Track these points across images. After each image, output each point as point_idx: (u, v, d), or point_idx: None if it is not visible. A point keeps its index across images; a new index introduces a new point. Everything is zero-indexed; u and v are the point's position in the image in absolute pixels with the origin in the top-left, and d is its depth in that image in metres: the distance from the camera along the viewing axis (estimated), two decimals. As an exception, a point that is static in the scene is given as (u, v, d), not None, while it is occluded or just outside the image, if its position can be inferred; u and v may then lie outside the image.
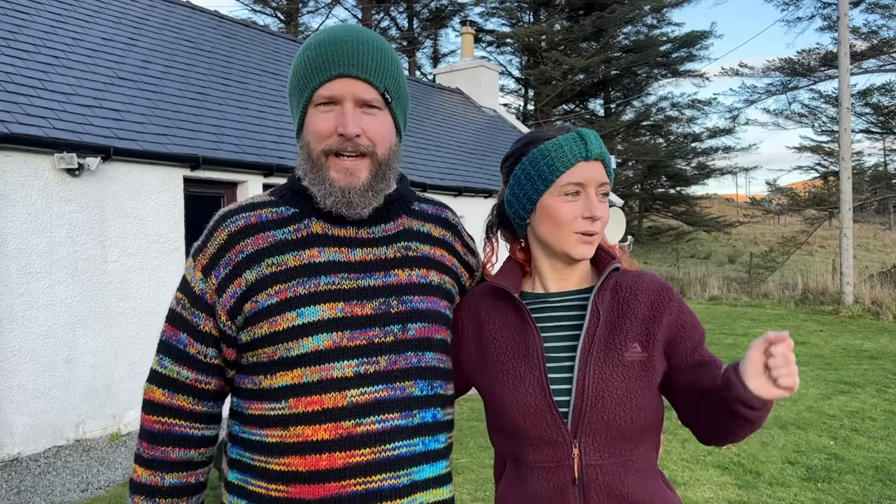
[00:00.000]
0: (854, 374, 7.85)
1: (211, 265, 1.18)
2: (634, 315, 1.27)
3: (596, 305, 1.27)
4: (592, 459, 1.21)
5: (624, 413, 1.21)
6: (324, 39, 1.18)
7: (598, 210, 1.25)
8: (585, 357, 1.23)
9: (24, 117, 5.20)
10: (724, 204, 41.97)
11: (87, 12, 7.76)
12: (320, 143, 1.16)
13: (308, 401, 1.13)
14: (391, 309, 1.18)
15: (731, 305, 16.20)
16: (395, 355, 1.17)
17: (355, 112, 1.15)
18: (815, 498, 4.19)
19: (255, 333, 1.15)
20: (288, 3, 23.48)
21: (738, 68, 23.98)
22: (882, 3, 20.39)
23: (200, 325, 1.19)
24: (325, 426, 1.12)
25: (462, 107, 14.01)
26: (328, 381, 1.13)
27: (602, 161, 1.27)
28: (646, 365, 1.24)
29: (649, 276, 1.34)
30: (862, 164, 33.82)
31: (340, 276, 1.17)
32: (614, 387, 1.22)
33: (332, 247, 1.19)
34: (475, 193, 9.63)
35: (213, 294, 1.18)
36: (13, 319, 5.00)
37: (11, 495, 4.33)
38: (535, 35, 25.52)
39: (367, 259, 1.20)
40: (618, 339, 1.25)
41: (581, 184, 1.25)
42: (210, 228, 1.22)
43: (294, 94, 1.21)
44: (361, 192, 1.16)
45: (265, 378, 1.16)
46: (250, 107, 8.02)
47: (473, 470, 4.69)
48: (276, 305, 1.14)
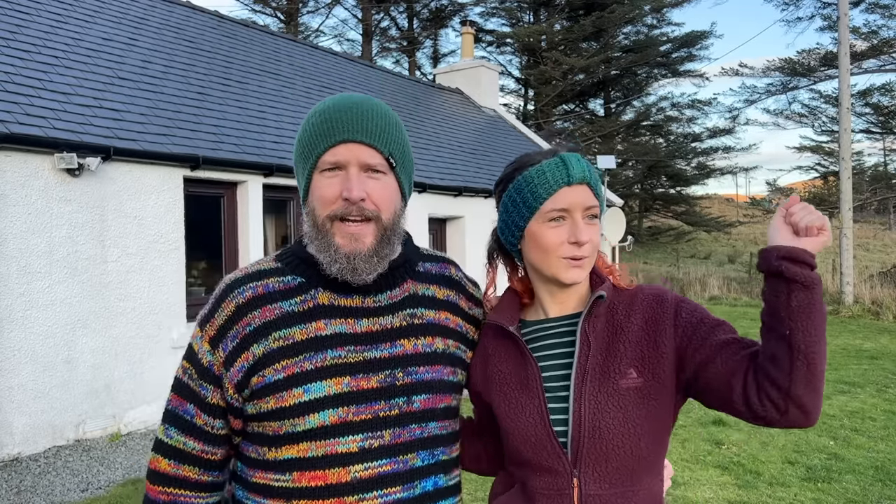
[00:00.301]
0: (854, 374, 7.85)
1: (218, 337, 1.17)
2: (628, 339, 1.24)
3: (585, 333, 1.25)
4: (592, 489, 1.20)
5: (622, 443, 1.19)
6: (328, 107, 1.18)
7: (584, 235, 1.23)
8: (580, 387, 1.22)
9: (24, 117, 5.20)
10: (724, 204, 41.97)
11: (87, 12, 7.77)
12: (325, 208, 1.16)
13: (312, 475, 1.13)
14: (396, 381, 1.18)
15: (731, 305, 16.20)
16: (400, 428, 1.17)
17: (360, 176, 1.15)
18: (815, 498, 4.18)
19: (261, 407, 1.15)
20: (288, 3, 23.47)
21: (738, 68, 24.00)
22: (882, 3, 20.40)
23: (208, 397, 1.19)
24: (329, 501, 1.13)
25: (462, 107, 14.01)
26: (332, 457, 1.13)
27: (588, 184, 1.25)
28: (642, 391, 1.21)
29: (647, 289, 1.30)
30: (862, 164, 33.83)
31: (347, 350, 1.16)
32: (610, 416, 1.19)
33: (338, 318, 1.18)
34: (475, 193, 9.63)
35: (220, 367, 1.17)
36: (13, 319, 5.00)
37: (11, 495, 4.32)
38: (535, 35, 25.52)
39: (373, 330, 1.20)
40: (612, 366, 1.22)
41: (565, 209, 1.24)
42: (217, 298, 1.21)
43: (299, 161, 1.21)
44: (367, 257, 1.15)
45: (269, 450, 1.16)
46: (250, 107, 8.02)
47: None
48: (282, 381, 1.13)
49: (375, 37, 25.62)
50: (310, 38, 24.98)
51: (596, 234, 1.26)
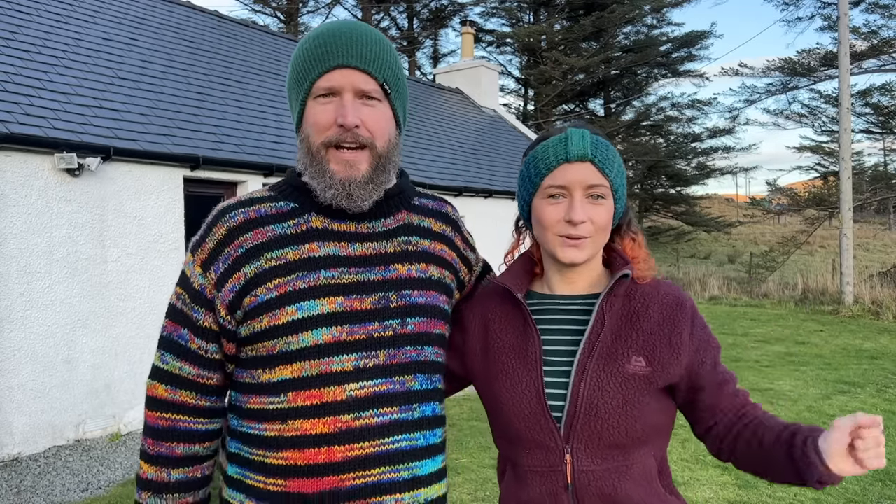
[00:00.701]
0: (854, 374, 7.86)
1: (210, 260, 1.18)
2: (642, 327, 1.23)
3: (602, 311, 1.23)
4: (584, 465, 1.20)
5: (618, 424, 1.19)
6: (322, 32, 1.18)
7: (577, 213, 1.19)
8: (584, 363, 1.21)
9: (24, 117, 5.20)
10: (724, 204, 41.98)
11: (87, 12, 7.77)
12: (320, 135, 1.15)
13: (307, 394, 1.13)
14: (390, 303, 1.18)
15: (731, 305, 16.20)
16: (395, 349, 1.17)
17: (354, 103, 1.15)
18: (816, 498, 4.19)
19: (254, 327, 1.14)
20: (288, 3, 23.48)
21: (738, 68, 23.99)
22: (882, 3, 20.39)
23: (200, 320, 1.18)
24: (324, 420, 1.12)
25: (462, 107, 14.01)
26: (327, 375, 1.13)
27: (593, 162, 1.21)
28: (648, 380, 1.20)
29: (666, 287, 1.29)
30: (862, 164, 33.83)
31: (340, 271, 1.16)
32: (610, 397, 1.18)
33: (331, 241, 1.18)
34: (475, 193, 9.63)
35: (212, 289, 1.17)
36: (13, 319, 5.00)
37: (11, 495, 4.33)
38: (535, 35, 25.52)
39: (366, 253, 1.20)
40: (621, 349, 1.21)
41: (564, 186, 1.21)
42: (209, 223, 1.21)
43: (293, 87, 1.20)
44: (362, 184, 1.16)
45: (264, 372, 1.15)
46: (250, 107, 8.02)
47: (473, 470, 4.69)
48: (275, 300, 1.13)
49: (375, 37, 25.62)
50: (310, 38, 24.97)
51: (600, 214, 1.22)
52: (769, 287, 17.92)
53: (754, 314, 14.20)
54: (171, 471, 1.21)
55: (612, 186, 1.23)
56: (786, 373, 7.98)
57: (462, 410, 6.58)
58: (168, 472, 1.20)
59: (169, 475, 1.20)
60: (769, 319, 13.21)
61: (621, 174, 1.25)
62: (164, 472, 1.20)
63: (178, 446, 1.20)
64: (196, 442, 1.22)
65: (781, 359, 8.93)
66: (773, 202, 35.26)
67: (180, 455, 1.21)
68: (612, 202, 1.24)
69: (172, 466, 1.21)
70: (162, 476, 1.20)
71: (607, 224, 1.24)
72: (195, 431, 1.22)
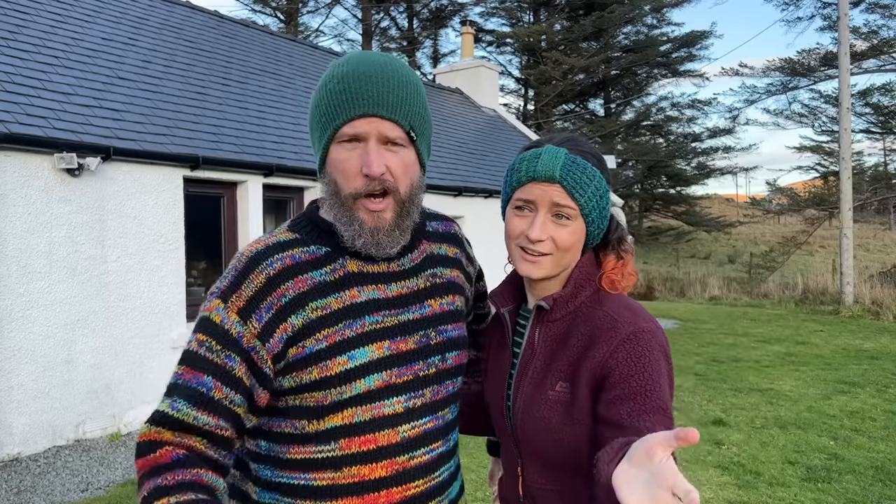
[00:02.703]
0: (854, 374, 7.85)
1: (250, 308, 1.10)
2: (570, 352, 1.19)
3: (532, 338, 1.24)
4: (533, 479, 1.24)
5: (543, 445, 1.19)
6: (348, 73, 1.13)
7: (535, 232, 1.17)
8: (517, 386, 1.24)
9: (24, 117, 5.20)
10: (724, 204, 41.97)
11: (86, 12, 7.77)
12: (348, 184, 1.13)
13: (362, 440, 1.12)
14: (430, 341, 1.20)
15: (731, 305, 16.20)
16: (438, 386, 1.21)
17: (379, 150, 1.13)
18: (815, 498, 4.18)
19: (301, 379, 1.11)
20: (288, 3, 23.47)
21: (738, 68, 23.99)
22: (882, 3, 20.40)
23: (235, 369, 1.08)
24: (382, 463, 1.13)
25: (462, 107, 14.01)
26: (380, 419, 1.13)
27: (561, 184, 1.18)
28: (569, 405, 1.16)
29: (615, 308, 1.20)
30: (862, 164, 33.83)
31: (382, 314, 1.16)
32: (534, 421, 1.20)
33: (369, 285, 1.17)
34: (475, 193, 9.63)
35: (252, 338, 1.09)
36: (13, 319, 5.00)
37: (11, 495, 4.32)
38: (535, 35, 25.52)
39: (402, 293, 1.20)
40: (551, 373, 1.20)
41: (530, 201, 1.20)
42: (243, 269, 1.13)
43: (316, 127, 1.17)
44: (388, 231, 1.15)
45: (310, 423, 1.12)
46: (250, 107, 8.02)
47: (473, 470, 4.69)
48: (325, 350, 1.11)
49: (375, 37, 25.62)
50: (310, 38, 24.98)
51: (562, 236, 1.19)
52: (769, 287, 17.92)
53: (754, 314, 14.20)
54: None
55: (582, 210, 1.19)
56: (786, 373, 7.98)
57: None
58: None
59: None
60: (769, 319, 13.21)
61: (597, 196, 1.20)
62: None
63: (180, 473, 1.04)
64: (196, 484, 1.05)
65: (781, 359, 8.92)
66: (773, 202, 35.25)
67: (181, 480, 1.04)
68: (583, 224, 1.21)
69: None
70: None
71: (571, 245, 1.20)
72: (199, 475, 1.05)
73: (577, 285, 1.23)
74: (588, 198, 1.19)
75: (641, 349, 1.11)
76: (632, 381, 1.08)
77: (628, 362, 1.10)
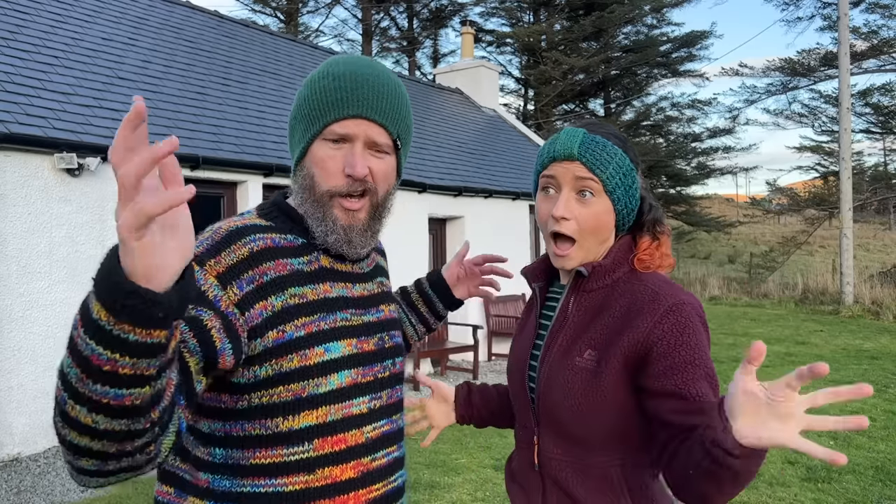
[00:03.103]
0: (854, 374, 7.85)
1: (230, 276, 1.05)
2: (604, 321, 1.20)
3: (564, 308, 1.26)
4: (547, 450, 1.24)
5: (564, 416, 1.20)
6: (343, 73, 1.13)
7: (560, 209, 1.19)
8: (544, 355, 1.26)
9: (24, 117, 5.20)
10: (724, 204, 41.97)
11: (86, 12, 7.77)
12: (328, 181, 1.13)
13: (334, 440, 1.11)
14: (385, 344, 1.22)
15: (731, 305, 16.20)
16: (391, 389, 1.22)
17: (364, 153, 1.13)
18: (815, 498, 4.18)
19: (282, 367, 1.06)
20: (288, 3, 23.47)
21: (738, 68, 24.01)
22: (882, 3, 20.40)
23: (204, 319, 0.98)
24: (350, 464, 1.12)
25: (462, 107, 14.01)
26: (349, 419, 1.13)
27: (580, 160, 1.20)
28: (594, 373, 1.16)
29: (654, 281, 1.20)
30: (862, 164, 33.83)
31: (350, 312, 1.17)
32: (557, 388, 1.20)
33: (339, 282, 1.18)
34: (475, 193, 9.63)
35: (230, 305, 1.03)
36: (13, 319, 5.00)
37: (11, 495, 4.32)
38: (535, 35, 25.52)
39: (364, 295, 1.22)
40: (580, 343, 1.21)
41: (551, 177, 1.23)
42: (221, 239, 1.08)
43: (301, 120, 1.16)
44: (361, 231, 1.16)
45: (285, 420, 1.07)
46: (250, 107, 8.02)
47: (473, 470, 4.69)
48: (304, 338, 1.09)
49: (375, 37, 25.62)
50: (310, 38, 24.98)
51: (586, 215, 1.20)
52: (769, 287, 17.92)
53: (754, 314, 14.20)
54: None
55: (606, 186, 1.20)
56: (786, 372, 7.98)
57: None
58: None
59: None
60: (769, 319, 13.21)
61: (620, 172, 1.21)
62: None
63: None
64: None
65: (781, 359, 8.93)
66: (773, 202, 35.25)
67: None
68: (609, 203, 1.22)
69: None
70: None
71: (596, 225, 1.21)
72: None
73: (616, 259, 1.24)
74: (610, 174, 1.20)
75: (685, 320, 1.12)
76: (680, 350, 1.09)
77: (674, 333, 1.11)
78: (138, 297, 0.70)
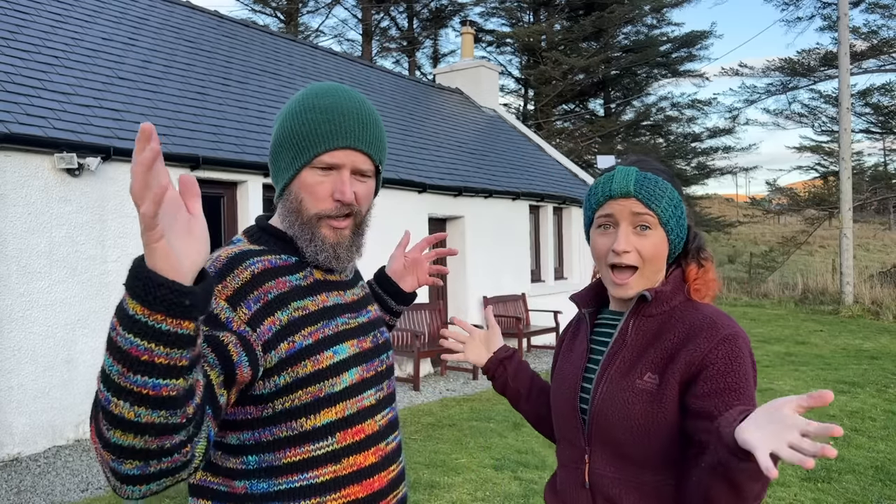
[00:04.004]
0: (854, 374, 7.85)
1: (237, 297, 1.14)
2: (663, 345, 1.26)
3: (625, 330, 1.31)
4: (599, 468, 1.28)
5: (622, 436, 1.24)
6: (331, 106, 1.23)
7: (621, 243, 1.27)
8: (602, 374, 1.30)
9: (24, 117, 5.20)
10: (724, 204, 41.96)
11: (87, 12, 7.77)
12: (316, 205, 1.23)
13: (354, 431, 1.24)
14: (378, 341, 1.35)
15: (731, 305, 16.21)
16: (388, 380, 1.36)
17: (351, 179, 1.24)
18: (815, 498, 4.18)
19: (298, 373, 1.18)
20: (288, 3, 23.47)
21: (738, 68, 24.00)
22: (882, 3, 20.39)
23: (220, 335, 1.07)
24: (371, 450, 1.26)
25: (462, 107, 14.01)
26: (364, 411, 1.26)
27: (637, 197, 1.27)
28: (655, 395, 1.22)
29: (710, 311, 1.27)
30: (862, 164, 33.81)
31: (347, 317, 1.29)
32: (616, 408, 1.25)
33: (333, 291, 1.30)
34: (475, 193, 9.62)
35: (242, 324, 1.12)
36: (13, 319, 5.00)
37: (11, 495, 4.32)
38: (535, 35, 25.51)
39: (355, 299, 1.35)
40: (640, 365, 1.26)
41: (610, 216, 1.30)
42: (223, 267, 1.16)
43: (289, 149, 1.24)
44: (347, 247, 1.27)
45: (308, 419, 1.19)
46: (250, 107, 8.02)
47: (473, 470, 4.69)
48: (313, 345, 1.20)
49: (375, 37, 25.62)
50: (310, 38, 24.97)
51: (645, 246, 1.28)
52: (769, 287, 17.92)
53: (754, 314, 14.21)
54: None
55: (661, 219, 1.28)
56: (786, 373, 7.98)
57: (462, 410, 6.58)
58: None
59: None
60: (769, 319, 13.21)
61: (672, 205, 1.30)
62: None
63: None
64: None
65: (781, 359, 8.93)
66: (773, 202, 35.24)
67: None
68: (664, 234, 1.30)
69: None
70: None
71: (654, 255, 1.29)
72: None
73: (675, 286, 1.32)
74: (664, 207, 1.29)
75: (737, 350, 1.19)
76: (728, 377, 1.16)
77: (726, 360, 1.17)
78: (167, 287, 0.80)
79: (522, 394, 1.61)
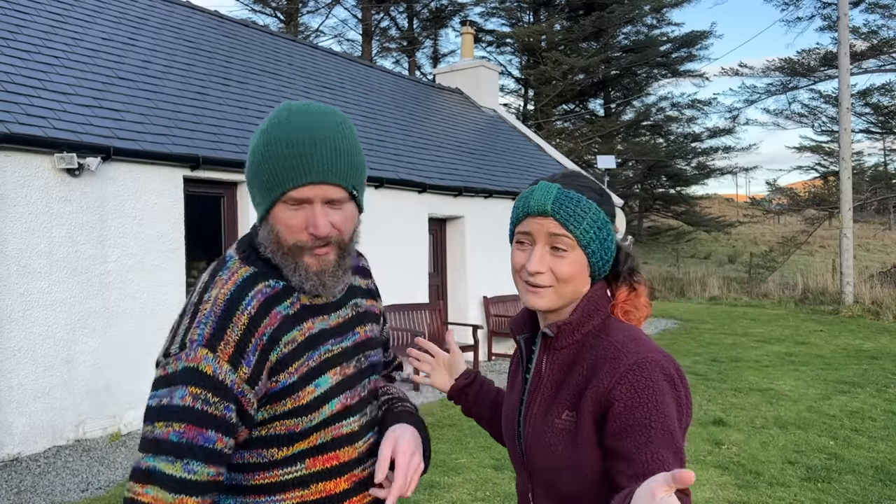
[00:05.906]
0: (854, 374, 7.86)
1: (239, 354, 1.14)
2: (575, 381, 1.21)
3: (539, 365, 1.27)
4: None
5: (551, 477, 1.21)
6: (297, 140, 1.15)
7: (533, 264, 1.21)
8: (526, 415, 1.27)
9: (24, 117, 5.20)
10: (724, 204, 41.96)
11: (87, 12, 7.77)
12: (292, 237, 1.19)
13: (325, 458, 1.22)
14: (362, 365, 1.31)
15: (731, 305, 16.21)
16: (372, 406, 1.33)
17: (324, 210, 1.18)
18: (815, 498, 4.19)
19: (276, 410, 1.18)
20: (288, 3, 23.48)
21: (738, 68, 24.01)
22: (882, 3, 20.40)
23: (232, 418, 1.13)
24: (344, 477, 1.24)
25: (462, 107, 14.01)
26: (340, 438, 1.24)
27: (554, 217, 1.20)
28: (574, 435, 1.17)
29: (616, 344, 1.20)
30: (862, 164, 33.85)
31: (331, 343, 1.26)
32: (541, 450, 1.22)
33: (318, 316, 1.26)
34: (475, 193, 9.63)
35: (241, 383, 1.13)
36: (13, 319, 5.00)
37: (11, 495, 4.32)
38: (535, 35, 25.52)
39: (340, 322, 1.29)
40: (556, 403, 1.22)
41: (527, 233, 1.24)
42: (222, 314, 1.16)
43: (260, 185, 1.19)
44: (333, 272, 1.22)
45: (279, 450, 1.20)
46: (250, 107, 8.02)
47: (473, 470, 4.69)
48: (297, 382, 1.19)
49: (375, 37, 25.62)
50: (310, 38, 24.98)
51: (561, 267, 1.21)
52: (769, 287, 17.93)
53: (754, 314, 14.21)
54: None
55: (580, 241, 1.21)
56: (786, 372, 7.99)
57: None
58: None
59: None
60: (769, 319, 13.21)
61: (594, 227, 1.22)
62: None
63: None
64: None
65: (781, 359, 8.93)
66: (773, 202, 35.24)
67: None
68: (583, 255, 1.22)
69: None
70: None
71: (571, 276, 1.22)
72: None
73: (584, 314, 1.24)
74: (584, 229, 1.21)
75: (645, 380, 1.11)
76: (636, 412, 1.09)
77: (632, 393, 1.10)
78: None
79: (484, 417, 1.57)
